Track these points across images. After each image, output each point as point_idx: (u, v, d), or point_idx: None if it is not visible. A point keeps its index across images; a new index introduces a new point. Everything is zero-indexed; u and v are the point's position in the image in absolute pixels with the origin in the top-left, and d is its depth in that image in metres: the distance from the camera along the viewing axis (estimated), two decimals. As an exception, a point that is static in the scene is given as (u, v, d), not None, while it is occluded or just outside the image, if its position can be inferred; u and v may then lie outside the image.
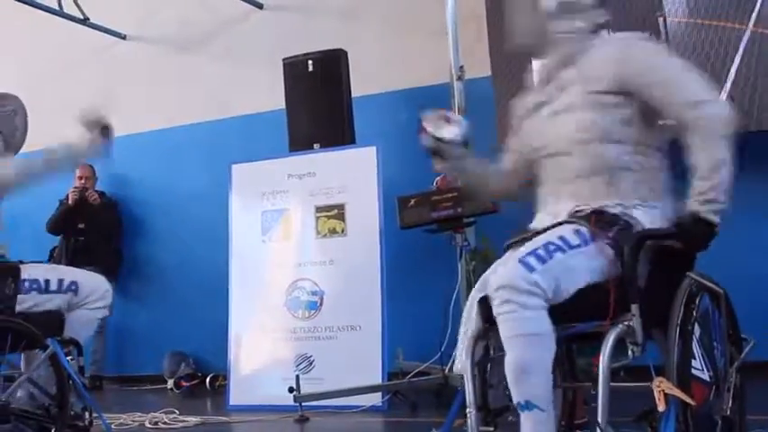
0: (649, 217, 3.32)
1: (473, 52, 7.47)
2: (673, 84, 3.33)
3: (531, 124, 3.70)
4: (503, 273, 3.15)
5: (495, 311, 3.10)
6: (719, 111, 3.26)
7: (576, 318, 3.15)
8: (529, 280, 3.05)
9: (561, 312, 3.10)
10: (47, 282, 4.53)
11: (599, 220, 3.27)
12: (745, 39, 6.62)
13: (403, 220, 6.74)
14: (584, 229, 3.23)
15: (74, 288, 4.63)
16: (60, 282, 4.58)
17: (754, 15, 6.61)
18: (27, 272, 4.52)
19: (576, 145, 3.45)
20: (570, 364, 3.50)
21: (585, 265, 3.16)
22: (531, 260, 3.10)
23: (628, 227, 3.26)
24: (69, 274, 4.71)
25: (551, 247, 3.15)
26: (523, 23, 3.65)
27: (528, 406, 3.04)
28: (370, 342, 6.75)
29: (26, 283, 4.48)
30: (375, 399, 6.60)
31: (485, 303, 3.35)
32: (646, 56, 3.45)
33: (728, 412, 3.35)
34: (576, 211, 3.36)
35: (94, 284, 4.76)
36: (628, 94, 3.37)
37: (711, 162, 3.20)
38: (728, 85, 6.55)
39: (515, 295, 3.04)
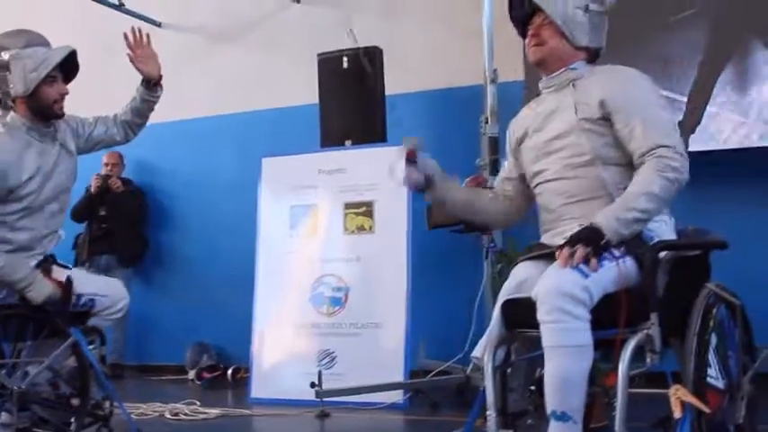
0: (662, 228, 3.42)
1: (508, 55, 7.42)
2: (638, 121, 3.42)
3: (528, 149, 3.77)
4: (554, 278, 3.17)
5: (540, 318, 3.12)
6: (671, 156, 3.31)
7: (598, 325, 3.15)
8: (582, 286, 3.10)
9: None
10: None
11: None
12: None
13: (431, 220, 6.75)
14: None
15: (90, 304, 4.62)
16: (78, 297, 4.56)
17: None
18: None
19: (575, 169, 3.54)
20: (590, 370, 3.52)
21: (615, 276, 3.20)
22: (584, 267, 3.16)
23: (644, 239, 3.31)
24: (88, 288, 4.65)
25: (599, 257, 3.20)
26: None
27: (564, 417, 3.09)
28: (394, 340, 6.75)
29: None
30: (396, 396, 6.60)
31: (507, 308, 3.38)
32: (625, 83, 3.58)
33: (741, 421, 3.43)
34: None
35: (111, 299, 4.75)
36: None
37: (641, 190, 3.30)
38: None
39: (568, 303, 3.07)
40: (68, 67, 4.62)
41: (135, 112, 4.99)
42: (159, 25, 9.85)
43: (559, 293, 3.08)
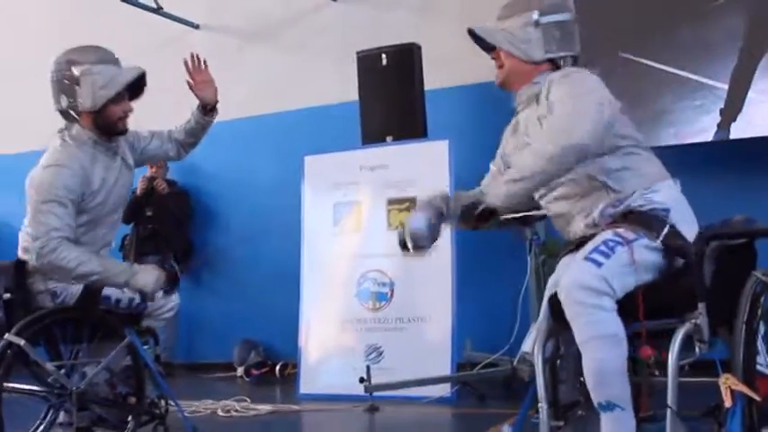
0: (664, 195, 3.47)
1: (545, 47, 7.44)
2: (558, 102, 3.50)
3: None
4: (571, 273, 3.21)
5: (567, 314, 3.16)
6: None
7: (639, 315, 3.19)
8: (598, 276, 3.12)
9: (627, 310, 3.17)
10: (118, 301, 4.60)
11: (636, 219, 3.39)
12: None
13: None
14: (633, 228, 3.34)
15: (143, 307, 4.71)
16: (131, 301, 4.64)
17: None
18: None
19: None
20: (633, 359, 3.55)
21: (644, 258, 3.26)
22: (596, 256, 3.19)
23: (658, 216, 3.37)
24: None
25: (611, 243, 3.24)
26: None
27: (609, 406, 3.12)
28: (440, 333, 6.81)
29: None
30: (444, 390, 6.66)
31: (555, 301, 3.43)
32: (561, 79, 3.61)
33: (791, 409, 3.42)
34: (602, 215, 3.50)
35: (164, 300, 4.84)
36: None
37: (527, 166, 3.36)
38: None
39: (588, 296, 3.11)
40: (136, 85, 4.64)
41: (188, 133, 5.06)
42: (197, 27, 9.95)
43: (577, 288, 3.12)
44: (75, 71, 4.42)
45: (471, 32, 3.97)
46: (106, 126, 4.54)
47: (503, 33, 3.82)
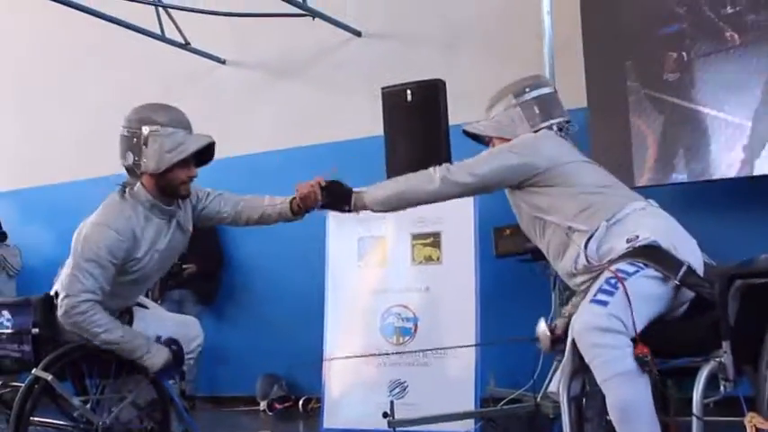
0: (640, 225, 3.62)
1: (569, 82, 7.46)
2: None
3: None
4: (581, 318, 3.30)
5: (585, 357, 3.20)
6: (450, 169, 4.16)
7: (666, 353, 3.20)
8: (606, 314, 3.19)
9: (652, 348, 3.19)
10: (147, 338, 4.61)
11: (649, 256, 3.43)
12: None
13: (498, 249, 6.82)
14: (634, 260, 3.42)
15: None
16: (158, 338, 4.63)
17: None
18: None
19: (543, 237, 3.96)
20: (663, 398, 3.57)
21: (649, 289, 3.34)
22: (601, 297, 3.29)
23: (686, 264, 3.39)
24: (168, 329, 4.76)
25: (612, 281, 3.32)
26: None
27: None
28: (464, 369, 6.80)
29: None
30: (467, 425, 6.65)
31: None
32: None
33: (816, 447, 3.42)
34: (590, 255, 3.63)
35: (190, 335, 4.90)
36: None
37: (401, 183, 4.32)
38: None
39: (600, 336, 3.16)
40: (203, 151, 4.60)
41: (261, 216, 5.09)
42: (223, 62, 10.01)
43: (587, 330, 3.19)
44: (145, 130, 4.39)
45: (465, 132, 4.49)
46: (167, 189, 4.53)
47: (492, 125, 4.32)
